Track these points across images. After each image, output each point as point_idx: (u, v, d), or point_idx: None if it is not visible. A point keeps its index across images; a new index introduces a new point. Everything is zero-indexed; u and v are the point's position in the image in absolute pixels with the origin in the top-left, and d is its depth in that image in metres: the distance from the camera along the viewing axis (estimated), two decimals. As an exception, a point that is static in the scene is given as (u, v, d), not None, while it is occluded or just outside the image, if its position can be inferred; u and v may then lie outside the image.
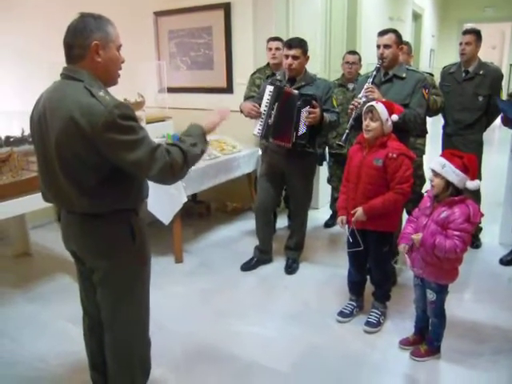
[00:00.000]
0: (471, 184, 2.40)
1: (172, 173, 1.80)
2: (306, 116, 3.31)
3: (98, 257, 1.94)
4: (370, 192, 2.83)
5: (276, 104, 3.38)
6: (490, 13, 11.98)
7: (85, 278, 2.10)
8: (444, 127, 4.30)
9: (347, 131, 3.19)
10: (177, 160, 1.79)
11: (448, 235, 2.41)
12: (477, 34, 3.97)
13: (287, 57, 3.41)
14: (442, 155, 2.49)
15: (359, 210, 2.83)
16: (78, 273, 2.15)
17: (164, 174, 1.77)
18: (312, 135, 3.42)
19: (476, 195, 4.00)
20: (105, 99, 1.69)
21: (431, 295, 2.61)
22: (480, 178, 4.08)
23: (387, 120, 2.77)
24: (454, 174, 2.39)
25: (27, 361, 2.74)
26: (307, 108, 3.31)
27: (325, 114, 3.41)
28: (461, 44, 4.00)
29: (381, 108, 2.76)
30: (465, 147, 3.70)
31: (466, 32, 4.02)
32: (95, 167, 1.77)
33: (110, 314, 2.03)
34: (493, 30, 13.81)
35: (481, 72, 3.97)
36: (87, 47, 1.77)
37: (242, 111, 3.72)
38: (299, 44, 3.41)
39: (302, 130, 3.36)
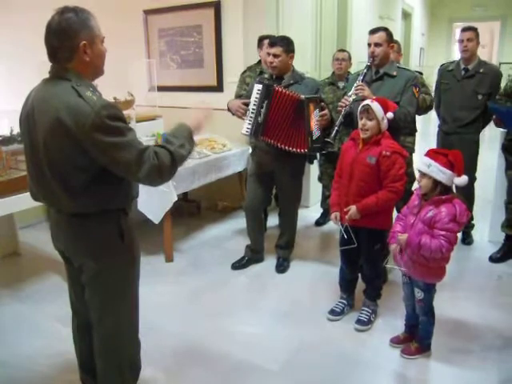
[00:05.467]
0: (459, 180, 2.40)
1: (160, 175, 1.79)
2: (318, 120, 3.32)
3: (87, 257, 1.92)
4: (363, 189, 2.82)
5: (265, 102, 3.37)
6: (480, 12, 12.08)
7: (73, 277, 2.08)
8: (440, 125, 4.30)
9: (336, 128, 3.20)
10: (165, 162, 1.78)
11: (434, 235, 2.40)
12: (475, 31, 3.95)
13: (269, 54, 3.42)
14: (427, 155, 2.48)
15: (353, 209, 2.82)
16: (67, 273, 2.14)
17: (152, 176, 1.76)
18: (325, 136, 3.43)
19: (469, 193, 4.03)
20: (92, 99, 1.68)
21: (419, 294, 2.62)
22: (475, 178, 4.10)
23: (383, 118, 2.77)
24: (440, 173, 2.38)
25: (16, 361, 2.72)
26: (317, 111, 3.32)
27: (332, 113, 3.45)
28: (462, 41, 3.97)
29: (376, 107, 2.76)
30: (462, 146, 3.67)
31: (465, 29, 3.99)
32: (83, 167, 1.75)
33: (98, 314, 2.02)
34: (482, 28, 13.82)
35: (481, 70, 3.95)
36: (75, 49, 1.74)
37: (229, 109, 3.71)
38: (280, 42, 3.40)
39: (317, 133, 3.35)
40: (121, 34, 5.28)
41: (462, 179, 2.40)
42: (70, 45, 1.73)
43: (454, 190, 2.52)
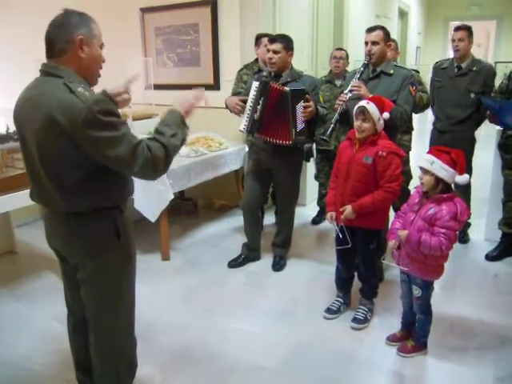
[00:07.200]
0: (460, 178, 2.41)
1: (154, 169, 1.76)
2: (302, 111, 3.32)
3: (82, 256, 1.91)
4: (359, 189, 2.82)
5: (262, 99, 3.37)
6: (476, 11, 12.11)
7: (69, 276, 2.07)
8: (434, 123, 4.31)
9: (332, 125, 3.20)
10: (158, 156, 1.75)
11: (434, 232, 2.41)
12: (468, 29, 3.97)
13: (269, 51, 3.43)
14: (430, 152, 2.50)
15: (348, 209, 2.82)
16: (63, 271, 2.13)
17: (146, 170, 1.74)
18: (310, 129, 3.43)
19: (466, 192, 4.04)
20: (84, 95, 1.66)
21: (417, 291, 2.62)
22: (470, 176, 4.09)
23: (379, 119, 2.76)
24: (443, 170, 2.40)
25: (13, 360, 2.71)
26: (302, 103, 3.31)
27: (317, 106, 3.44)
28: (454, 41, 3.98)
29: (372, 108, 2.74)
30: (455, 144, 3.65)
31: (457, 28, 4.00)
32: (77, 165, 1.74)
33: (94, 312, 2.01)
34: (478, 28, 13.85)
35: (474, 68, 3.96)
36: (71, 41, 1.74)
37: (227, 106, 3.71)
38: (281, 39, 3.42)
39: (301, 126, 3.35)
40: (117, 31, 5.26)
41: (464, 177, 2.41)
42: (66, 36, 1.74)
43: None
